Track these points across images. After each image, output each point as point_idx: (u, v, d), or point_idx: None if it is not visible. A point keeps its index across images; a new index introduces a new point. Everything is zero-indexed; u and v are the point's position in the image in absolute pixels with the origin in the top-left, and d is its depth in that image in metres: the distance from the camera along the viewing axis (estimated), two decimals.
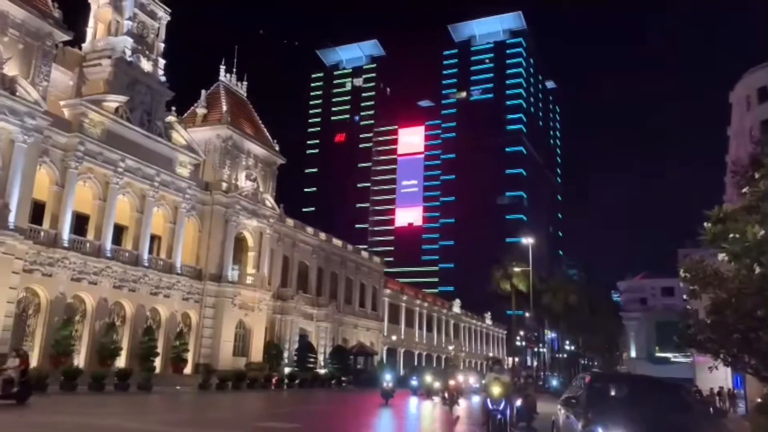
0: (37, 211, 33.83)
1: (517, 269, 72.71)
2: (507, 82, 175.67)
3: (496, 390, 14.08)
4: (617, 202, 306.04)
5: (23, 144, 31.05)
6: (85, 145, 35.51)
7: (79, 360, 34.32)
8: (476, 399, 35.22)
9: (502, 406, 14.04)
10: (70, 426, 16.69)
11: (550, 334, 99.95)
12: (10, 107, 30.29)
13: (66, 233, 34.57)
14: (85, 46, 39.95)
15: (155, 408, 24.85)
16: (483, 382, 17.35)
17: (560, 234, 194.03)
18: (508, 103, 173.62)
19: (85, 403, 23.51)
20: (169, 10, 42.91)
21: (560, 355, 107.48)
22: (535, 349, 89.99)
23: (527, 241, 60.28)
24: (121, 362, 35.83)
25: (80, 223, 36.77)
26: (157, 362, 38.73)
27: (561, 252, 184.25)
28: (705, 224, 14.87)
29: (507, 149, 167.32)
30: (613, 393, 11.18)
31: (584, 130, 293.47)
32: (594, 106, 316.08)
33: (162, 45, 42.41)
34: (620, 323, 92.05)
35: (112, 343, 35.44)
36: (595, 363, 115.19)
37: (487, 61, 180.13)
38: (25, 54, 31.80)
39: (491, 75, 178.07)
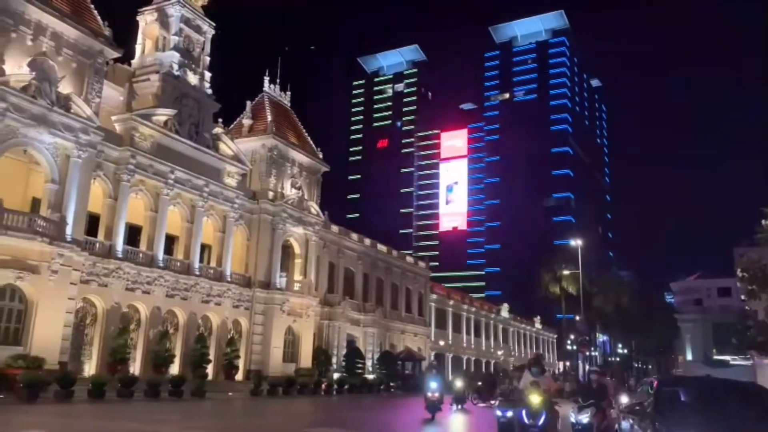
0: (92, 224, 34.93)
1: (566, 272, 71.55)
2: (551, 82, 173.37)
3: (535, 399, 11.43)
4: (668, 201, 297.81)
5: (78, 159, 32.13)
6: (136, 159, 36.54)
7: (135, 367, 35.26)
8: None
9: (541, 421, 11.26)
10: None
11: (601, 338, 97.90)
12: (66, 124, 31.42)
13: (120, 244, 35.58)
14: (135, 62, 41.18)
15: (209, 414, 25.30)
16: (518, 387, 13.95)
17: (610, 235, 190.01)
18: (552, 103, 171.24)
19: (141, 410, 24.11)
20: (214, 24, 43.85)
21: (613, 359, 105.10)
22: (587, 353, 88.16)
23: (576, 242, 59.20)
24: (174, 369, 36.63)
25: (133, 234, 37.73)
26: (210, 369, 39.48)
27: (611, 253, 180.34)
28: (762, 222, 14.39)
29: (552, 150, 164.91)
30: (684, 398, 10.00)
31: (632, 128, 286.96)
32: (642, 103, 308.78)
33: (208, 58, 43.36)
34: (674, 325, 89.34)
35: (165, 350, 36.27)
36: (649, 366, 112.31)
37: (529, 61, 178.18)
38: (78, 72, 32.96)
39: (534, 75, 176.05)
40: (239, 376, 42.17)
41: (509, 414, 14.45)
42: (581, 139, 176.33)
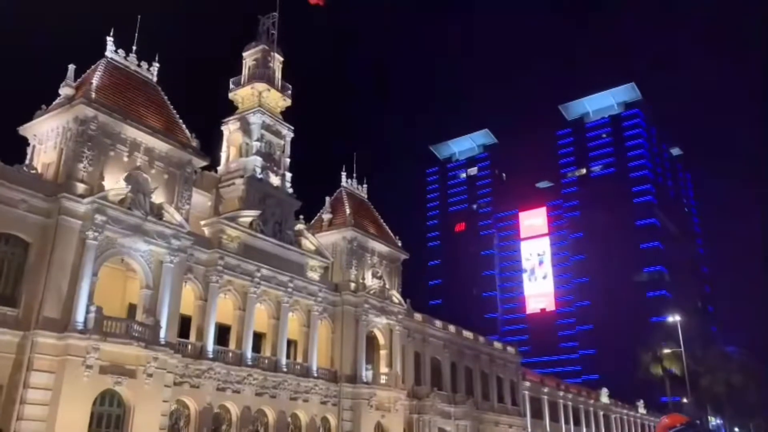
0: (184, 325, 35.87)
1: (666, 350, 67.30)
2: (628, 154, 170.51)
3: None
4: None
5: (170, 264, 33.57)
6: (224, 260, 37.79)
7: None
8: None
9: None
10: None
11: (714, 420, 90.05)
12: (159, 231, 33.13)
13: (210, 344, 36.20)
14: (220, 168, 43.49)
15: None
16: None
17: (710, 308, 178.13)
18: (632, 175, 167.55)
19: None
20: (292, 128, 45.99)
21: None
22: None
23: (674, 318, 55.88)
24: None
25: (222, 333, 38.31)
26: None
27: (714, 328, 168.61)
28: None
29: (638, 223, 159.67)
30: None
31: (721, 193, 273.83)
32: (727, 167, 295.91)
33: (288, 160, 45.26)
34: None
35: None
36: None
37: (604, 135, 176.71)
38: (169, 182, 35.08)
39: (610, 149, 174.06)
40: None
41: None
42: (667, 209, 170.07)
